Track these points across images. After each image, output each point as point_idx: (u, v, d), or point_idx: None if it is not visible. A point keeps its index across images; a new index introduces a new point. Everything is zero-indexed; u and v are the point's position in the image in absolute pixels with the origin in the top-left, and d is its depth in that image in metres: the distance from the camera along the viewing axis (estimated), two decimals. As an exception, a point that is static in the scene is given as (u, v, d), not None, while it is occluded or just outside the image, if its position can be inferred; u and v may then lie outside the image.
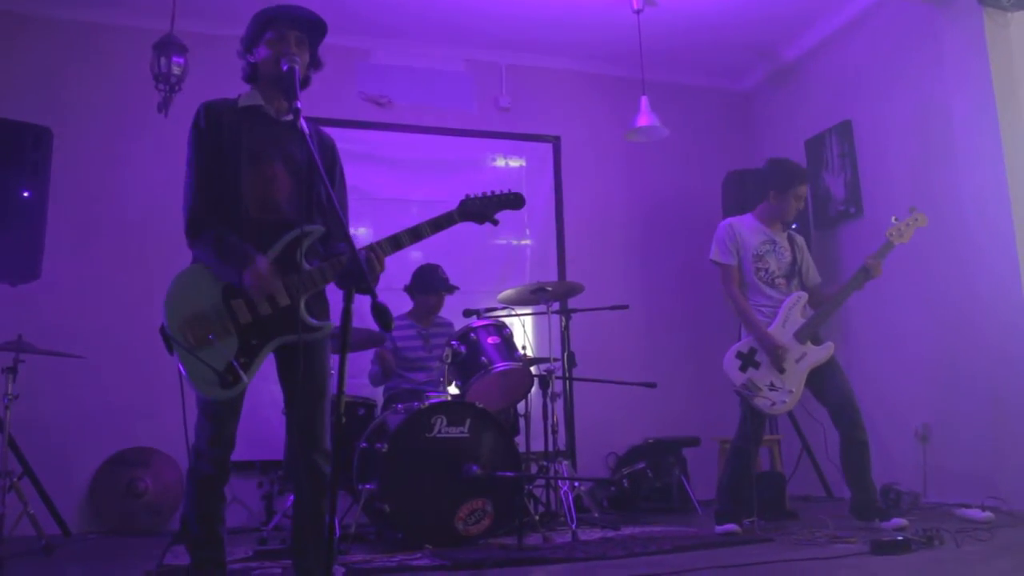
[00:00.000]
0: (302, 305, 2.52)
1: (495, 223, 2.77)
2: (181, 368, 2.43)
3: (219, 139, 2.59)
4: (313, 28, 2.70)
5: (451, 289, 5.04)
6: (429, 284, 5.00)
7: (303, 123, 2.44)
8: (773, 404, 4.04)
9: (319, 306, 2.65)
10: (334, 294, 2.65)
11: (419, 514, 3.81)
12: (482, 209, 2.73)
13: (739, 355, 4.12)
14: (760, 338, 4.08)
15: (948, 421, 4.93)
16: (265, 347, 2.50)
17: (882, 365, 5.41)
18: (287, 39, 2.62)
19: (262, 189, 2.59)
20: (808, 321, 4.12)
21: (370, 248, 2.54)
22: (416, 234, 2.62)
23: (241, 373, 2.42)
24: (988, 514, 4.07)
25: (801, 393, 4.09)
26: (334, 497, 2.16)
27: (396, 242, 2.60)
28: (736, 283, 4.23)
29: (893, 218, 4.14)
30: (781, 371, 4.05)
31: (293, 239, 2.56)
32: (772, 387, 4.05)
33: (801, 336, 4.09)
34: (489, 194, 2.76)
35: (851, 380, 4.18)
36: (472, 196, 2.74)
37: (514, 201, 2.80)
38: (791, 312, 4.15)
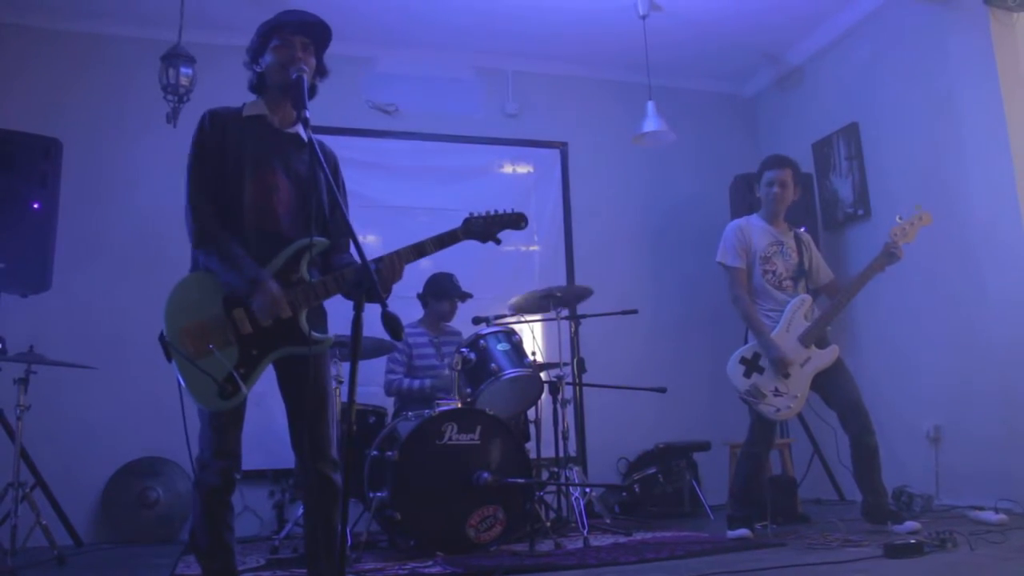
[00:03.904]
0: (303, 318, 2.51)
1: (497, 242, 2.77)
2: (180, 378, 2.41)
3: (223, 147, 2.58)
4: (318, 33, 2.68)
5: (464, 296, 5.06)
6: (443, 290, 5.02)
7: (308, 133, 2.44)
8: (778, 410, 4.01)
9: (318, 319, 2.64)
10: (332, 306, 2.66)
11: (430, 521, 3.81)
12: (485, 228, 2.74)
13: (743, 360, 4.10)
14: (764, 344, 4.06)
15: (960, 423, 4.91)
16: (265, 358, 2.48)
17: (892, 367, 5.38)
18: (293, 44, 2.61)
19: (263, 200, 2.57)
20: (814, 323, 4.09)
21: (394, 254, 2.56)
22: (420, 250, 2.63)
23: (241, 384, 2.40)
24: (1001, 516, 4.05)
25: (806, 397, 4.07)
26: (345, 506, 2.17)
27: (399, 256, 2.60)
28: (744, 287, 4.21)
29: (898, 217, 4.11)
30: (786, 376, 4.03)
31: (296, 251, 2.56)
32: (777, 392, 4.02)
33: (806, 340, 4.07)
34: (492, 213, 2.76)
35: (861, 382, 4.16)
36: (475, 215, 2.74)
37: (516, 221, 2.79)
38: (795, 315, 4.12)
